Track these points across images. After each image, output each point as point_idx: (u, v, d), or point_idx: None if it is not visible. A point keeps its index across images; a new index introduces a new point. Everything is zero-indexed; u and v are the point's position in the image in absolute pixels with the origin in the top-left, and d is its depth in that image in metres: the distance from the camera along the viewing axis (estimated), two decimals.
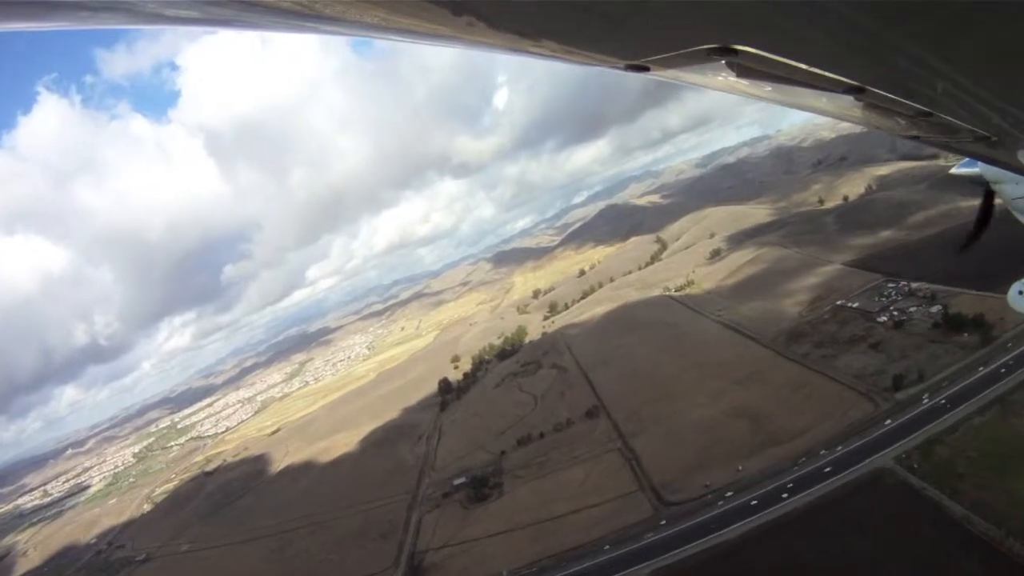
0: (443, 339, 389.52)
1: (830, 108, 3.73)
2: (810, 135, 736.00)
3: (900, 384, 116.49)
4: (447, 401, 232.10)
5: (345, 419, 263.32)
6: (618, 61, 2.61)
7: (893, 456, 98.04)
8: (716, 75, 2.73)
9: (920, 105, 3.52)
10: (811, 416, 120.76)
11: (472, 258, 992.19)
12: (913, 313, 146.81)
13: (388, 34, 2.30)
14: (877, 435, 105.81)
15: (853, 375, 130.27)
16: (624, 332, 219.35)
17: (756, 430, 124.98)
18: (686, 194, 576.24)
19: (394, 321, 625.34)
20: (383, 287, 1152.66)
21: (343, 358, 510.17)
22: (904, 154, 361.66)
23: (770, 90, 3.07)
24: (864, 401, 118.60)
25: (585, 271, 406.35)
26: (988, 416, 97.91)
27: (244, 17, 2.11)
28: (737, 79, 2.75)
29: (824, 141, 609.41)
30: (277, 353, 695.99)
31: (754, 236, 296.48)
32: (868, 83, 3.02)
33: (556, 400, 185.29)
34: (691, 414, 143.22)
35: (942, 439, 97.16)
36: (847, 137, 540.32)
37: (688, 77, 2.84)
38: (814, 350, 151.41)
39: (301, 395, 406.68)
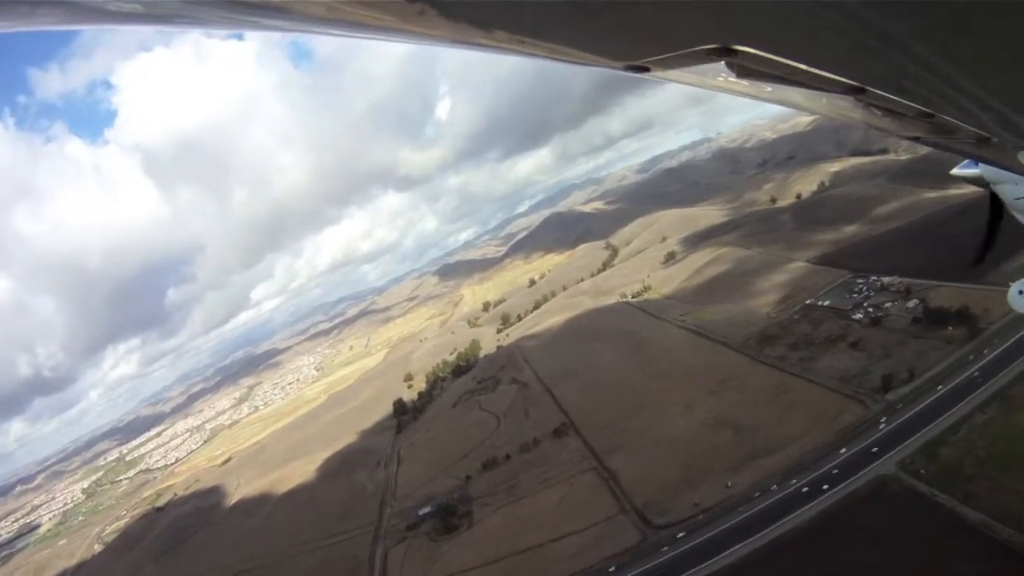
0: (394, 357, 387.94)
1: (830, 108, 3.82)
2: (752, 136, 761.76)
3: (890, 384, 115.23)
4: (403, 423, 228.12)
5: (297, 446, 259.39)
6: (618, 62, 2.67)
7: (896, 461, 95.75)
8: (716, 75, 2.78)
9: (920, 105, 3.62)
10: (798, 423, 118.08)
11: (416, 272, 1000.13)
12: (890, 309, 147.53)
13: (387, 35, 2.35)
14: (873, 440, 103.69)
15: (836, 377, 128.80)
16: (584, 342, 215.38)
17: (741, 441, 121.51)
18: (631, 199, 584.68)
19: (342, 340, 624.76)
20: (328, 305, 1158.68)
21: (292, 380, 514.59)
22: (853, 150, 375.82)
23: (770, 90, 3.14)
24: (853, 404, 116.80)
25: (535, 281, 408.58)
26: (990, 413, 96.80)
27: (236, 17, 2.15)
28: (737, 79, 2.82)
29: (767, 141, 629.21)
30: (225, 377, 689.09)
31: (709, 238, 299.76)
32: (868, 83, 3.11)
33: (520, 418, 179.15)
34: (667, 427, 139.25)
35: (945, 440, 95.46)
36: (791, 136, 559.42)
37: (688, 77, 2.90)
38: (790, 352, 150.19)
39: (251, 421, 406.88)
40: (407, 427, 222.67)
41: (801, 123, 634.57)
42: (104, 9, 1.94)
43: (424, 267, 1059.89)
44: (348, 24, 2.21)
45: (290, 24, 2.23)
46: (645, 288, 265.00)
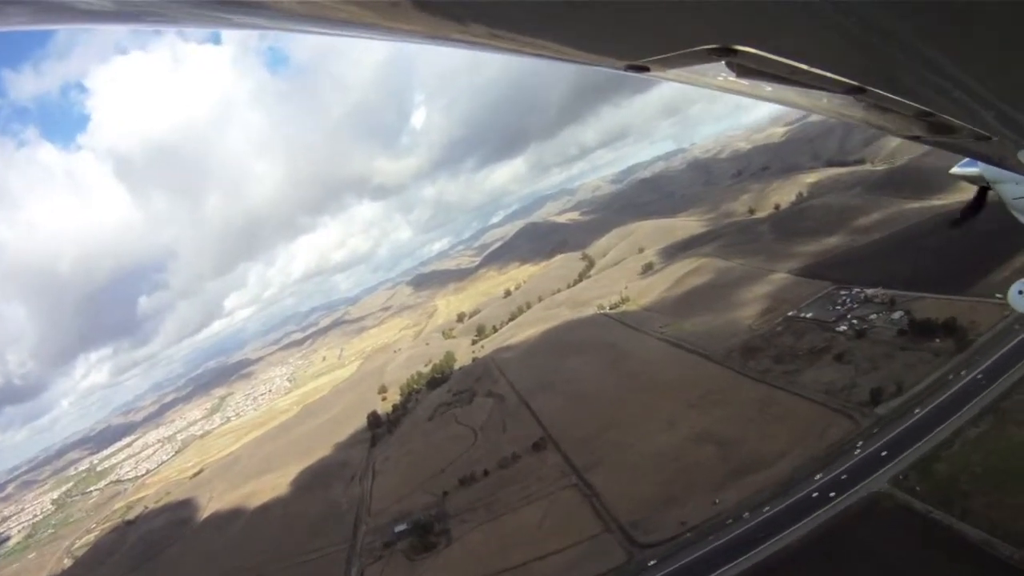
0: (367, 368, 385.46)
1: (830, 108, 3.87)
2: (725, 146, 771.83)
3: (879, 397, 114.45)
4: (378, 436, 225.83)
5: (270, 458, 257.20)
6: (618, 61, 2.73)
7: (888, 478, 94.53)
8: (716, 75, 2.83)
9: (920, 105, 3.74)
10: (785, 438, 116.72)
11: (390, 283, 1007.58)
12: (874, 321, 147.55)
13: (388, 35, 2.38)
14: (864, 455, 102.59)
15: (822, 390, 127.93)
16: (561, 355, 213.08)
17: (726, 457, 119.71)
18: (606, 210, 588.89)
19: (315, 351, 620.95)
20: (301, 315, 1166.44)
21: (264, 391, 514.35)
22: (829, 160, 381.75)
23: (770, 90, 3.19)
24: (841, 418, 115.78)
25: (511, 291, 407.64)
26: (983, 427, 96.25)
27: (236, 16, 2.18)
28: (737, 79, 2.87)
29: (741, 152, 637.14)
30: (197, 387, 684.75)
31: (687, 249, 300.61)
32: (868, 83, 3.16)
33: (497, 432, 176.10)
34: (649, 442, 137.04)
35: (939, 455, 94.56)
36: (765, 147, 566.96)
37: (688, 77, 2.95)
38: (774, 365, 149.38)
39: (223, 432, 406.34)
40: (381, 440, 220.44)
41: (775, 134, 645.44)
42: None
43: (397, 277, 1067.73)
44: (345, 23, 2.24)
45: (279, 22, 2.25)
46: (623, 299, 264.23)
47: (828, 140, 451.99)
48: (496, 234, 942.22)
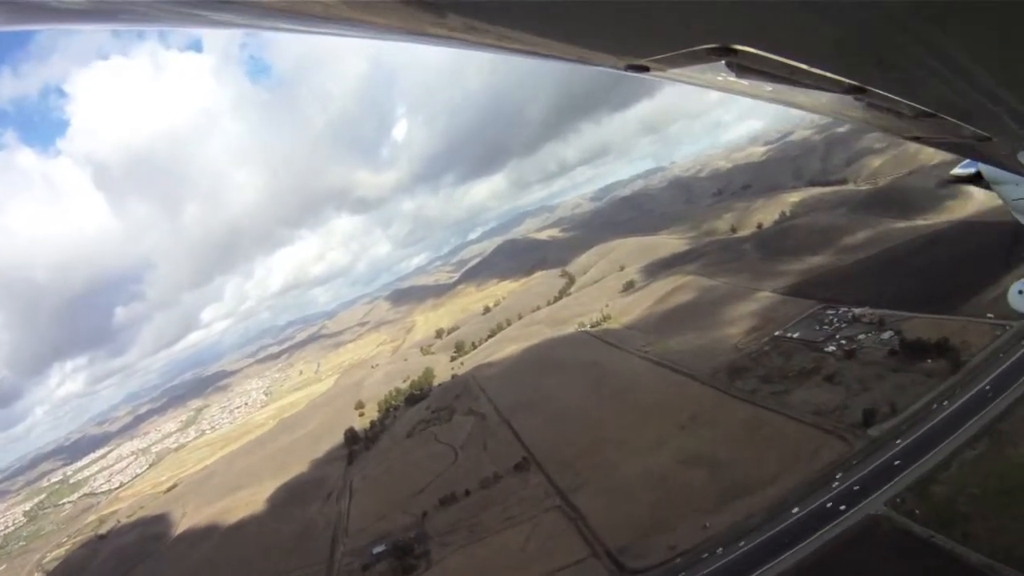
0: (344, 383, 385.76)
1: (830, 108, 3.96)
2: (705, 165, 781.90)
3: (872, 419, 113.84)
4: (355, 453, 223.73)
5: (245, 474, 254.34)
6: (618, 61, 2.78)
7: (885, 500, 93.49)
8: (716, 75, 2.87)
9: (921, 105, 3.80)
10: (777, 460, 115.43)
11: (368, 297, 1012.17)
12: (863, 341, 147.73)
13: (388, 34, 2.41)
14: (858, 477, 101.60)
15: (813, 411, 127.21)
16: (543, 373, 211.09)
17: (716, 480, 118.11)
18: (586, 227, 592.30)
19: (291, 364, 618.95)
20: (277, 328, 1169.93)
21: (240, 404, 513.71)
22: (811, 180, 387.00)
23: (770, 90, 3.24)
24: (834, 440, 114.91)
25: (490, 308, 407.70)
26: (980, 448, 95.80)
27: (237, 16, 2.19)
28: (737, 79, 2.90)
29: (721, 171, 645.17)
30: (172, 399, 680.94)
31: (670, 267, 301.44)
32: (868, 83, 3.22)
33: (478, 451, 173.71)
34: (635, 464, 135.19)
35: (936, 477, 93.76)
36: (746, 166, 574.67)
37: (688, 77, 2.99)
38: (762, 386, 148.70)
39: (198, 446, 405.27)
40: (359, 457, 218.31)
41: (755, 153, 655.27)
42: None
43: (375, 292, 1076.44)
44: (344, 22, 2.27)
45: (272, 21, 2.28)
46: (604, 317, 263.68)
47: (810, 160, 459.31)
48: (475, 250, 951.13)
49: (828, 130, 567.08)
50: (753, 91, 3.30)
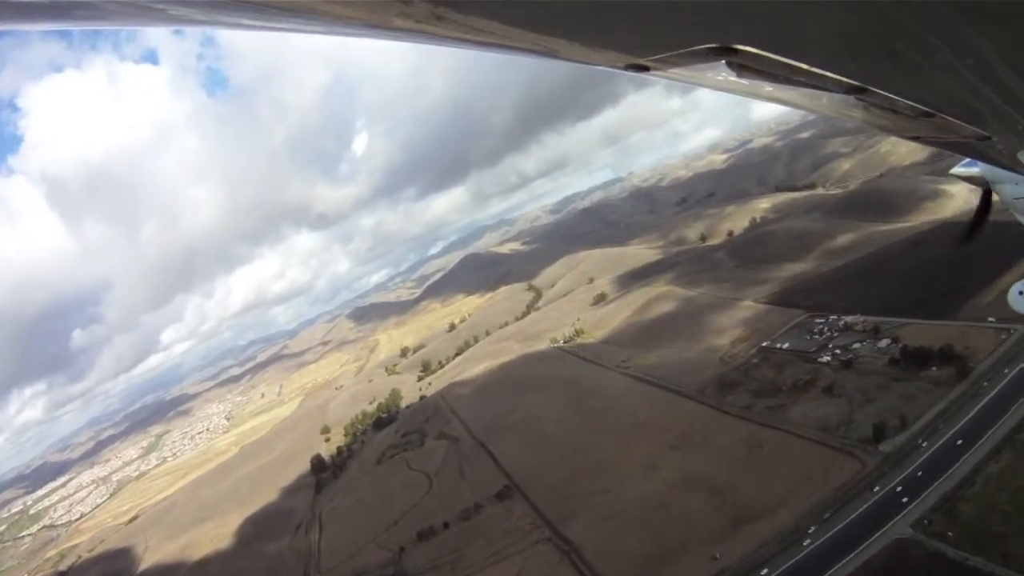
0: (308, 406, 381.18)
1: (830, 108, 4.04)
2: (665, 175, 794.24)
3: (882, 434, 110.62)
4: (323, 482, 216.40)
5: (209, 505, 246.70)
6: (618, 61, 2.83)
7: (910, 522, 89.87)
8: (716, 75, 2.93)
9: (921, 105, 3.88)
10: (784, 482, 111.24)
11: (328, 315, 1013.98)
12: (859, 350, 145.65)
13: (389, 34, 2.46)
14: (878, 498, 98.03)
15: (816, 427, 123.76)
16: (518, 392, 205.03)
17: (720, 505, 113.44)
18: (548, 239, 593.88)
19: (253, 386, 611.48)
20: (239, 348, 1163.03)
21: (202, 430, 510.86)
22: (777, 186, 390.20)
23: (770, 90, 3.32)
24: (844, 458, 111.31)
25: (456, 324, 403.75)
26: (1004, 462, 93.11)
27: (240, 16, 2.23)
28: (737, 79, 2.97)
29: (682, 179, 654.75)
30: (133, 424, 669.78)
31: (641, 277, 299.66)
32: (868, 83, 3.29)
33: (455, 479, 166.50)
34: (629, 489, 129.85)
35: (962, 495, 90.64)
36: (708, 174, 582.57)
37: (688, 77, 3.05)
38: (756, 401, 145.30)
39: (159, 474, 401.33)
40: (327, 486, 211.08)
41: (716, 161, 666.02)
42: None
43: (336, 310, 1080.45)
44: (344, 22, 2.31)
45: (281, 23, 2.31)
46: (578, 332, 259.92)
47: (774, 166, 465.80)
48: (435, 265, 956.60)
49: (790, 136, 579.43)
50: (753, 91, 3.35)
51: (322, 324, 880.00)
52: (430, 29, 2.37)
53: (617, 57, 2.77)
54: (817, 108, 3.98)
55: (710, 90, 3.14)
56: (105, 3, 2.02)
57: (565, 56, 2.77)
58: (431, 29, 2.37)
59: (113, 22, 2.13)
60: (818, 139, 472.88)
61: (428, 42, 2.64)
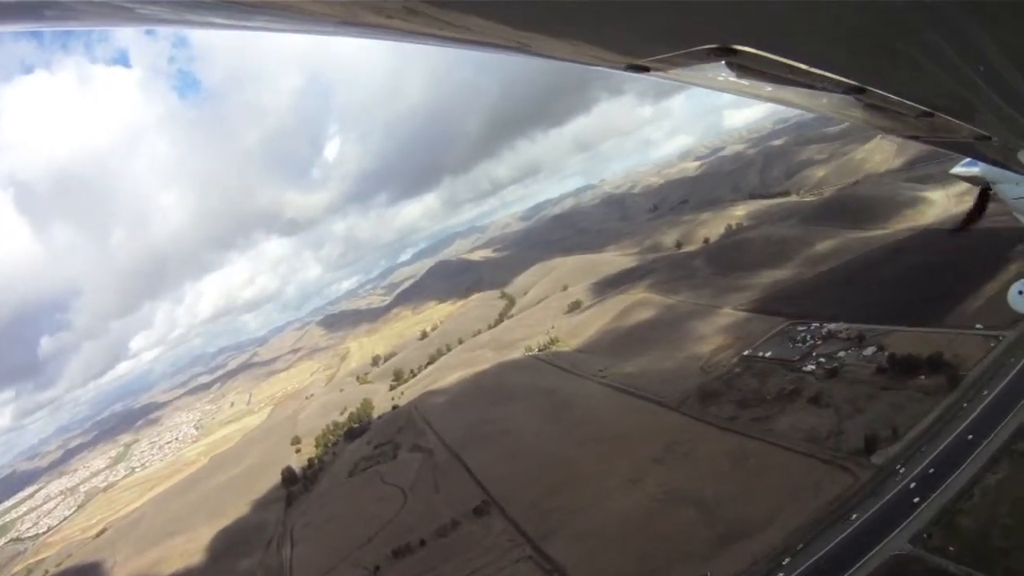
0: (278, 416, 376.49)
1: (830, 108, 4.09)
2: (637, 182, 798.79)
3: (874, 445, 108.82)
4: (294, 495, 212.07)
5: (178, 518, 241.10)
6: (618, 61, 2.87)
7: (908, 537, 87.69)
8: (716, 75, 2.97)
9: (921, 105, 3.94)
10: (774, 496, 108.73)
11: (299, 322, 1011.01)
12: (844, 358, 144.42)
13: (390, 34, 2.48)
14: (873, 512, 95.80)
15: (804, 439, 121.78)
16: (493, 403, 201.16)
17: (708, 521, 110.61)
18: (520, 246, 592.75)
19: (223, 395, 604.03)
20: (208, 356, 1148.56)
21: (171, 439, 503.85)
22: (751, 193, 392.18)
23: (770, 90, 3.36)
24: (834, 470, 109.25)
25: (428, 333, 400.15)
26: (1002, 472, 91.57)
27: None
28: (737, 79, 3.01)
29: (654, 186, 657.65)
30: (102, 432, 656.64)
31: (617, 285, 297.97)
32: (868, 83, 3.32)
33: (430, 493, 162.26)
34: (611, 504, 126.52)
35: (960, 508, 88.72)
36: (680, 181, 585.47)
37: (688, 77, 3.08)
38: (740, 411, 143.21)
39: (127, 485, 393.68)
40: (298, 500, 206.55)
41: (689, 168, 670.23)
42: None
43: (307, 317, 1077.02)
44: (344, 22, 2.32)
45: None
46: (553, 340, 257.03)
47: (747, 173, 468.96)
48: (406, 272, 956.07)
49: (763, 143, 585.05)
50: (753, 91, 3.38)
51: (292, 331, 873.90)
52: (429, 29, 2.39)
53: (617, 58, 2.80)
54: (817, 108, 4.06)
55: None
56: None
57: (565, 57, 2.80)
58: (431, 29, 2.39)
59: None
60: (791, 146, 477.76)
61: (427, 42, 2.64)
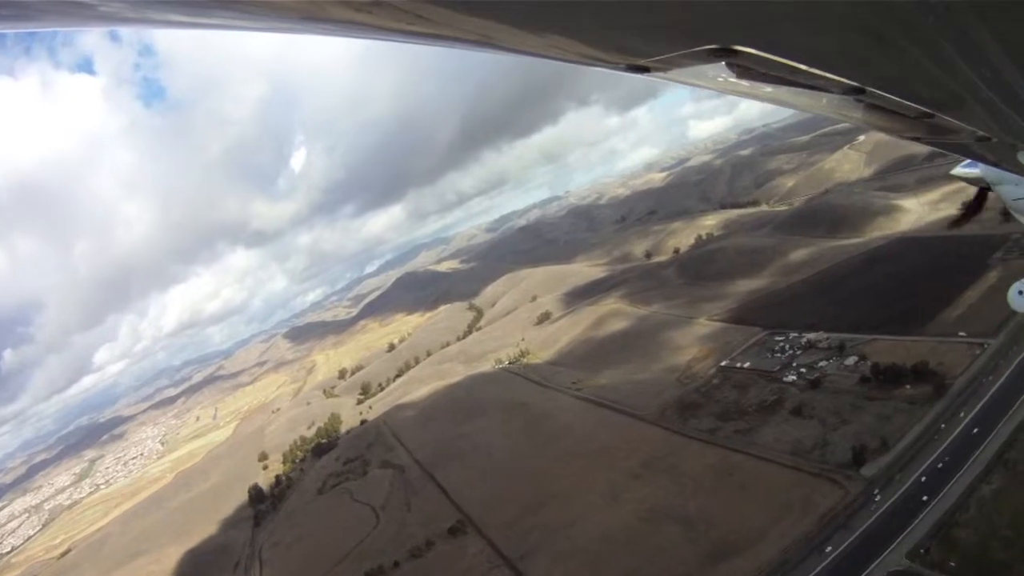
0: (245, 431, 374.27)
1: (830, 108, 4.13)
2: (603, 193, 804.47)
3: (863, 457, 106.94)
4: (262, 514, 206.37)
5: (143, 538, 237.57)
6: (618, 61, 2.89)
7: (906, 551, 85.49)
8: (716, 75, 2.99)
9: (920, 105, 3.99)
10: (762, 511, 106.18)
11: (264, 335, 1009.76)
12: (826, 368, 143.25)
13: (391, 35, 2.49)
14: (867, 527, 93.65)
15: (789, 451, 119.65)
16: (465, 417, 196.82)
17: (695, 538, 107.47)
18: (486, 258, 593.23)
19: (188, 409, 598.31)
20: (173, 368, 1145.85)
21: (136, 455, 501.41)
22: (720, 203, 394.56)
23: (770, 90, 3.39)
24: (824, 484, 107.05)
25: (395, 345, 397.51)
26: (997, 483, 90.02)
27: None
28: (737, 80, 3.03)
29: (620, 197, 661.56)
30: (67, 447, 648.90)
31: (587, 295, 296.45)
32: (868, 83, 3.37)
33: (402, 512, 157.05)
34: (592, 522, 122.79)
35: (957, 520, 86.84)
36: (647, 192, 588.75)
37: (688, 77, 3.11)
38: (721, 424, 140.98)
39: (92, 503, 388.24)
40: (267, 519, 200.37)
41: (655, 179, 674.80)
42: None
43: (272, 329, 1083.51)
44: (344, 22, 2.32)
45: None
46: (523, 352, 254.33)
47: (715, 183, 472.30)
48: (372, 284, 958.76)
49: (729, 153, 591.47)
50: (753, 92, 3.41)
51: (258, 344, 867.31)
52: (429, 29, 2.40)
53: (617, 58, 2.81)
54: (817, 108, 4.07)
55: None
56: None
57: (564, 57, 2.80)
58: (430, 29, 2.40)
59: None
60: (759, 156, 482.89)
61: (427, 43, 2.65)
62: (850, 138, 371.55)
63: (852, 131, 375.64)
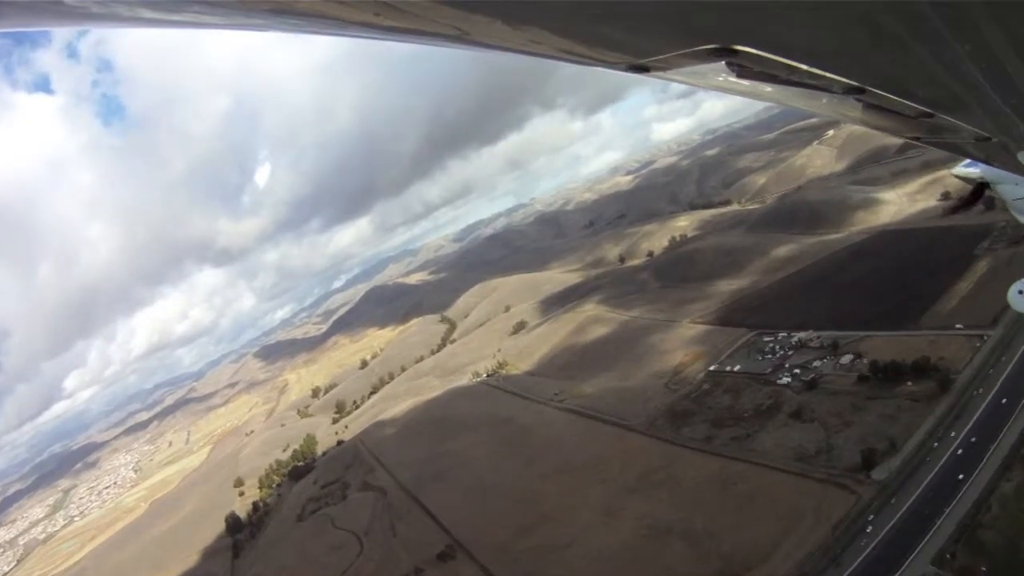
0: (219, 455, 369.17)
1: (830, 108, 4.20)
2: (569, 199, 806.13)
3: (872, 460, 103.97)
4: (240, 543, 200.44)
5: (119, 572, 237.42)
6: (618, 61, 2.93)
7: (929, 557, 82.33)
8: (716, 75, 3.02)
9: (920, 105, 4.02)
10: (771, 523, 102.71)
11: (234, 355, 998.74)
12: (820, 368, 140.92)
13: (391, 35, 2.53)
14: (885, 534, 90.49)
15: (792, 457, 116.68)
16: (446, 435, 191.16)
17: (702, 554, 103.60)
18: (456, 268, 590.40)
19: (161, 433, 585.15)
20: (145, 392, 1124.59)
21: (109, 483, 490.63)
22: (690, 204, 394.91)
23: (770, 90, 3.44)
24: (833, 490, 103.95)
25: (368, 361, 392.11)
26: (1016, 479, 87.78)
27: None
28: (737, 79, 3.06)
29: (587, 202, 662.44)
30: (40, 477, 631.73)
31: (563, 303, 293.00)
32: (868, 83, 3.39)
33: (387, 538, 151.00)
34: (591, 542, 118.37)
35: (980, 521, 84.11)
36: (614, 196, 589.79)
37: (688, 77, 3.15)
38: (716, 431, 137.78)
39: (67, 535, 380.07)
40: (246, 548, 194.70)
41: (621, 183, 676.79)
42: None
43: (242, 348, 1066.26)
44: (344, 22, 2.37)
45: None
46: (501, 364, 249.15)
47: (684, 184, 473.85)
48: (340, 299, 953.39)
49: (695, 154, 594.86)
50: (753, 91, 3.46)
51: (228, 364, 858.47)
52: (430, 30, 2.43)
53: (617, 58, 2.84)
54: (817, 108, 4.15)
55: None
56: None
57: (565, 57, 2.85)
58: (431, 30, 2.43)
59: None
60: (727, 155, 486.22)
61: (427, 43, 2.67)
62: (818, 134, 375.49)
63: (818, 126, 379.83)
